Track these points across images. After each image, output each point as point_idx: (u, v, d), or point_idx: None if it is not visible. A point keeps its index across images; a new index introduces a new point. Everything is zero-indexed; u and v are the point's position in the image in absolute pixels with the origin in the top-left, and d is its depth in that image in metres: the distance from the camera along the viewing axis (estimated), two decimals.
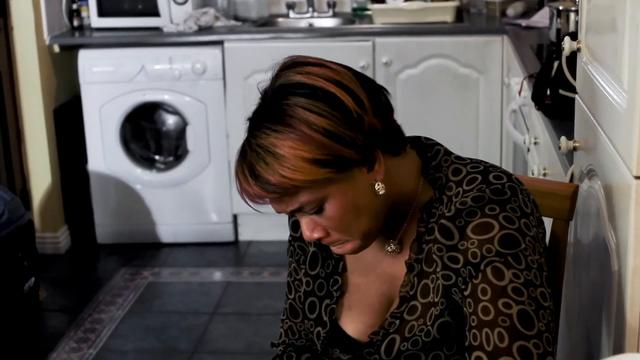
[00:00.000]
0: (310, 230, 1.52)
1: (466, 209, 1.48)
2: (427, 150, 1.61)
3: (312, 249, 1.70)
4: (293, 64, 1.50)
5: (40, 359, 3.62)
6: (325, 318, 1.67)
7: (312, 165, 1.42)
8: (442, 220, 1.50)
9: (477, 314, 1.45)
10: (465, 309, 1.48)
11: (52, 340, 3.78)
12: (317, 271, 1.70)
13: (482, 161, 1.58)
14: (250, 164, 1.44)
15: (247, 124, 1.50)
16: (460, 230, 1.48)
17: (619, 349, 1.56)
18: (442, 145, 1.62)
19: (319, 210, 1.48)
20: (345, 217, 1.49)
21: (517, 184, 1.52)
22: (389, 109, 1.54)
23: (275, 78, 1.50)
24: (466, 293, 1.48)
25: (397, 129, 1.55)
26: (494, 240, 1.45)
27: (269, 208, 1.52)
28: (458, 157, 1.59)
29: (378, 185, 1.50)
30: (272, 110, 1.46)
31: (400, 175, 1.54)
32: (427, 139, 1.64)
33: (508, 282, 1.44)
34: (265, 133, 1.44)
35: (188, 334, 3.82)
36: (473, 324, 1.45)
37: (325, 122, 1.42)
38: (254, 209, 1.52)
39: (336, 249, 1.57)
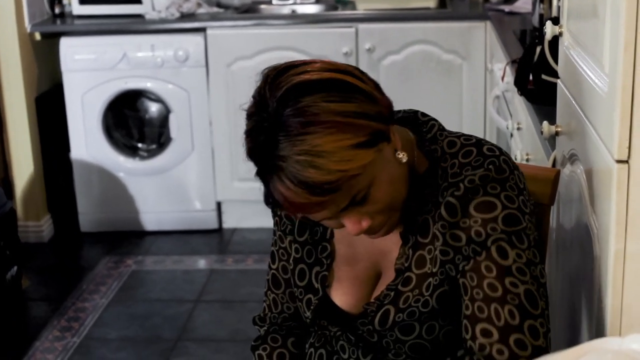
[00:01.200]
0: (358, 223, 1.50)
1: (473, 187, 1.50)
2: (422, 126, 1.62)
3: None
4: (284, 69, 1.45)
5: (24, 348, 3.61)
6: (317, 285, 1.67)
7: (361, 149, 1.40)
8: (449, 198, 1.51)
9: (483, 289, 1.47)
10: (464, 280, 1.50)
11: (36, 329, 3.77)
12: (305, 237, 1.70)
13: (471, 135, 1.61)
14: (296, 178, 1.38)
15: (263, 147, 1.41)
16: (463, 207, 1.50)
17: (600, 333, 1.56)
18: (437, 121, 1.64)
19: (364, 197, 1.46)
20: (388, 193, 1.49)
21: (509, 158, 1.56)
22: (376, 85, 1.53)
23: (273, 89, 1.42)
24: (467, 267, 1.50)
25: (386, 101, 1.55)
26: (498, 219, 1.48)
27: (250, 195, 1.51)
28: (451, 132, 1.62)
29: (400, 153, 1.50)
30: (290, 118, 1.39)
31: (403, 144, 1.54)
32: (423, 114, 1.66)
33: (512, 262, 1.47)
34: (299, 140, 1.37)
35: (172, 321, 3.81)
36: (478, 297, 1.48)
37: (351, 106, 1.40)
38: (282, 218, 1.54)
39: (377, 235, 1.56)
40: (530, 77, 2.63)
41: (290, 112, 1.39)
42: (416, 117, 1.65)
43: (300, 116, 1.38)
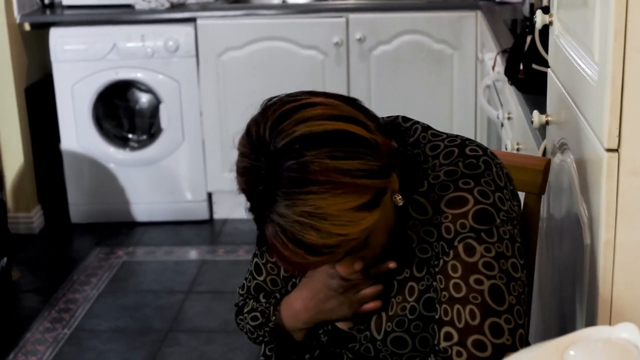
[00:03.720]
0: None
1: (438, 183, 1.47)
2: (405, 132, 1.57)
3: None
4: (286, 112, 1.35)
5: (14, 340, 3.60)
6: None
7: (364, 212, 1.34)
8: (415, 196, 1.49)
9: (449, 290, 1.44)
10: (436, 283, 1.48)
11: (26, 321, 3.76)
12: None
13: (458, 135, 1.58)
14: (295, 238, 1.32)
15: (255, 200, 1.36)
16: (434, 204, 1.47)
17: (591, 321, 1.56)
18: (419, 123, 1.59)
19: (362, 248, 1.43)
20: (385, 238, 1.47)
21: (492, 158, 1.52)
22: (377, 119, 1.47)
23: (274, 135, 1.33)
24: (437, 269, 1.47)
25: (387, 128, 1.51)
26: (468, 215, 1.45)
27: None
28: (435, 134, 1.57)
29: (397, 196, 1.46)
30: (292, 173, 1.31)
31: None
32: (405, 119, 1.61)
33: (479, 257, 1.43)
34: (301, 199, 1.30)
35: (163, 312, 3.81)
36: (443, 300, 1.45)
37: (356, 164, 1.33)
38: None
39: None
40: (521, 67, 2.63)
41: (292, 165, 1.31)
42: (397, 123, 1.59)
43: (303, 172, 1.30)
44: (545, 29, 2.10)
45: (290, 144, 1.32)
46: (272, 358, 1.73)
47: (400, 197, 1.46)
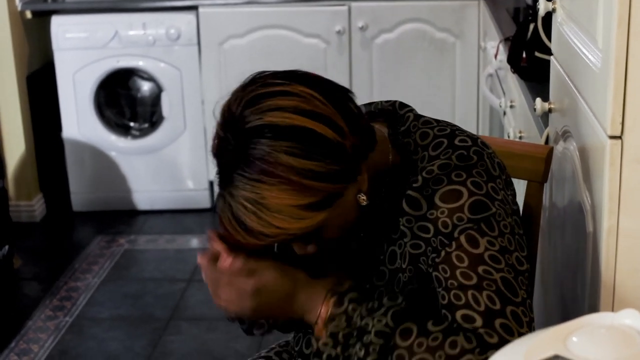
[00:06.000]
0: (303, 249, 1.50)
1: (432, 177, 1.46)
2: (399, 120, 1.57)
3: None
4: (258, 96, 1.38)
5: (16, 328, 3.60)
6: None
7: (308, 211, 1.37)
8: (409, 191, 1.48)
9: (457, 278, 1.42)
10: (437, 274, 1.45)
11: (28, 309, 3.76)
12: None
13: (450, 124, 1.56)
14: (238, 218, 1.37)
15: (218, 170, 1.41)
16: (428, 199, 1.46)
17: (593, 309, 1.56)
18: (412, 112, 1.58)
19: (309, 240, 1.47)
20: (338, 233, 1.48)
21: (483, 148, 1.50)
22: (360, 116, 1.46)
23: (247, 113, 1.37)
24: (438, 260, 1.45)
25: (368, 128, 1.49)
26: (464, 207, 1.43)
27: None
28: (426, 122, 1.56)
29: (362, 196, 1.46)
30: (248, 158, 1.35)
31: (374, 160, 1.49)
32: (402, 105, 1.60)
33: (484, 250, 1.42)
34: (250, 185, 1.35)
35: (164, 301, 3.81)
36: (452, 287, 1.42)
37: (311, 165, 1.35)
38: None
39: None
40: (524, 55, 2.62)
41: (251, 150, 1.35)
42: (394, 109, 1.59)
43: (259, 160, 1.34)
44: (548, 17, 2.10)
45: (255, 130, 1.35)
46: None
47: (364, 197, 1.46)
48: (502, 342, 1.35)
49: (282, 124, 1.35)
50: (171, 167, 4.71)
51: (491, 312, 1.38)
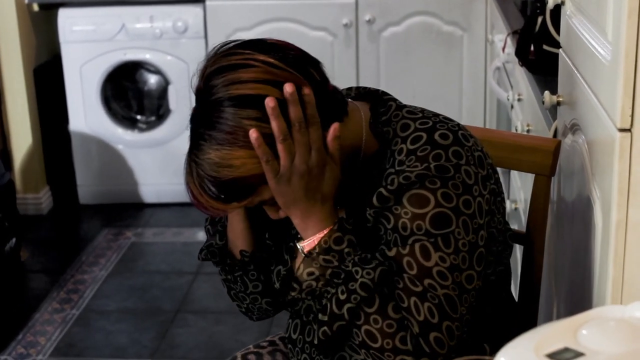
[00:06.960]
0: (275, 213, 1.56)
1: (409, 183, 1.47)
2: (381, 105, 1.59)
3: None
4: (220, 69, 1.47)
5: (23, 321, 3.61)
6: (286, 257, 1.63)
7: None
8: (382, 190, 1.49)
9: (404, 280, 1.46)
10: (387, 253, 1.49)
11: (35, 302, 3.77)
12: None
13: (433, 115, 1.55)
14: (203, 180, 1.49)
15: (191, 133, 1.50)
16: (397, 195, 1.48)
17: (602, 303, 1.56)
18: (395, 101, 1.59)
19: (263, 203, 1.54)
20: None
21: (462, 144, 1.49)
22: (325, 82, 1.51)
23: (206, 88, 1.47)
24: (389, 253, 1.48)
25: (336, 96, 1.53)
26: (426, 217, 1.45)
27: None
28: (410, 111, 1.56)
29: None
30: (213, 125, 1.46)
31: (346, 134, 1.52)
32: (384, 93, 1.62)
33: (434, 265, 1.45)
34: (213, 149, 1.45)
35: (171, 293, 3.81)
36: (398, 285, 1.47)
37: (267, 128, 1.43)
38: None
39: None
40: (532, 48, 2.62)
41: (219, 119, 1.45)
42: (377, 94, 1.62)
43: (225, 126, 1.44)
44: (557, 9, 2.09)
45: (218, 102, 1.44)
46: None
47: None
48: (433, 354, 1.45)
49: (243, 94, 1.44)
50: (178, 160, 4.65)
51: (428, 325, 1.45)
